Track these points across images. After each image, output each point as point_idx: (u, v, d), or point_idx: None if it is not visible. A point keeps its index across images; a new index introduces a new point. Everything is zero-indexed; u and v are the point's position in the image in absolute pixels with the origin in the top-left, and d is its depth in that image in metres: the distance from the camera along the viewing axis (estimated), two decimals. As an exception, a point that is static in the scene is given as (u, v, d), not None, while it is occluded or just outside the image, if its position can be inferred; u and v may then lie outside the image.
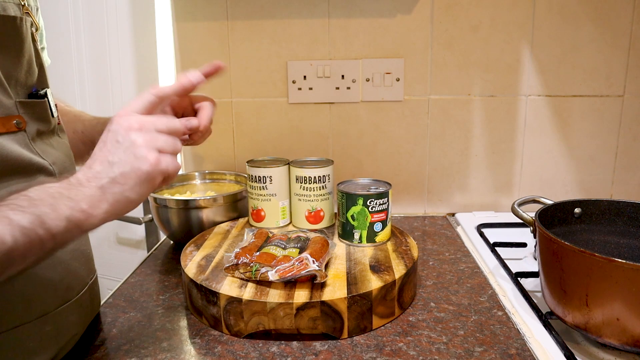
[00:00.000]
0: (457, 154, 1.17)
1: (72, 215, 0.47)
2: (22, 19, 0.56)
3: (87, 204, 0.48)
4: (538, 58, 1.11)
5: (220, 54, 1.13)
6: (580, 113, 1.13)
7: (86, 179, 0.50)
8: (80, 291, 0.64)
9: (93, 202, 0.49)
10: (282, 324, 0.65)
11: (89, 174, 0.51)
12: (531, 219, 0.75)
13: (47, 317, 0.57)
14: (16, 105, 0.55)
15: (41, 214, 0.45)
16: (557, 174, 1.17)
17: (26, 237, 0.43)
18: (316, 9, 1.11)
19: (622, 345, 0.60)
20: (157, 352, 0.64)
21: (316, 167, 0.90)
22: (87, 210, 0.48)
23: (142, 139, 0.52)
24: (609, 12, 1.08)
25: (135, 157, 0.51)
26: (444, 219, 1.15)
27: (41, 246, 0.45)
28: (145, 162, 0.51)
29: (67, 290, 0.61)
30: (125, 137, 0.52)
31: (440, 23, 1.11)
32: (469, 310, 0.73)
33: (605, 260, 0.57)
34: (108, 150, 0.52)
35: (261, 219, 0.94)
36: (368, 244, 0.83)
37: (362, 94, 1.14)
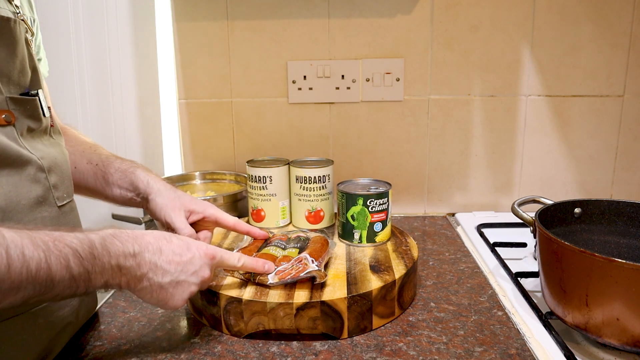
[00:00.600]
0: (457, 154, 1.17)
1: (111, 282, 0.54)
2: (15, 21, 0.58)
3: (126, 281, 0.55)
4: (538, 58, 1.11)
5: (220, 54, 1.14)
6: (580, 113, 1.13)
7: (146, 264, 0.56)
8: None
9: (131, 282, 0.55)
10: (282, 324, 0.65)
11: (153, 262, 0.57)
12: (531, 219, 0.75)
13: (38, 310, 0.59)
14: (6, 101, 0.56)
15: (91, 271, 0.51)
16: (557, 174, 1.17)
17: (69, 283, 0.49)
18: (316, 9, 1.11)
19: (622, 345, 0.60)
20: (157, 352, 0.64)
21: (316, 167, 0.90)
22: (122, 284, 0.55)
23: (195, 289, 0.61)
24: (609, 12, 1.08)
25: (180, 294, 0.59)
26: (444, 219, 1.15)
27: (73, 293, 0.51)
28: (176, 302, 0.59)
29: None
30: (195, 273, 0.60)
31: (440, 23, 1.11)
32: (469, 310, 0.73)
33: (605, 260, 0.57)
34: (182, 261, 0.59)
35: (261, 219, 0.94)
36: (368, 244, 0.83)
37: (362, 94, 1.14)
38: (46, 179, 0.59)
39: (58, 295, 0.49)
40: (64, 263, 0.48)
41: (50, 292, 0.48)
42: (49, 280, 0.47)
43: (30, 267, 0.45)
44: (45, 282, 0.47)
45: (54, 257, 0.47)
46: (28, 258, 0.45)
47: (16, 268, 0.44)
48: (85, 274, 0.50)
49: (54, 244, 0.48)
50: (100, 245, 0.52)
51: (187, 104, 1.16)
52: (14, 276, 0.44)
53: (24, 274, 0.45)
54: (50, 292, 0.48)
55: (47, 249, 0.47)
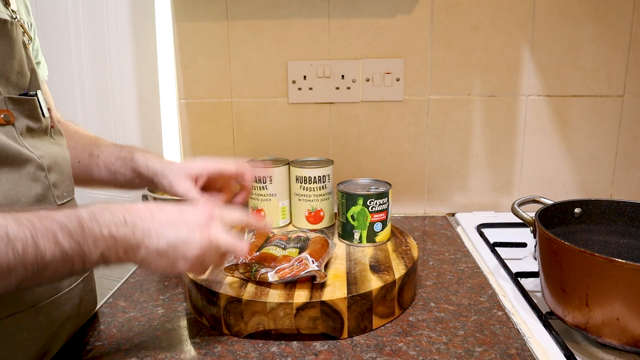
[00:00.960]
0: (457, 154, 1.17)
1: (107, 254, 0.51)
2: (12, 23, 0.59)
3: (123, 250, 0.53)
4: (538, 58, 1.11)
5: (220, 54, 1.14)
6: (580, 113, 1.13)
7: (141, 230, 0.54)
8: (72, 284, 0.65)
9: (128, 251, 0.53)
10: (282, 324, 0.65)
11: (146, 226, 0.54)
12: (531, 219, 0.75)
13: (38, 307, 0.59)
14: (5, 101, 0.57)
15: (83, 244, 0.49)
16: (557, 174, 1.17)
17: (62, 260, 0.47)
18: (316, 9, 1.11)
19: (622, 345, 0.60)
20: (157, 352, 0.64)
21: (316, 167, 0.90)
22: (120, 254, 0.53)
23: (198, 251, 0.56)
24: (609, 12, 1.08)
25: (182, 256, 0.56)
26: (444, 219, 1.15)
27: (70, 270, 0.49)
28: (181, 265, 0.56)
29: (59, 282, 0.62)
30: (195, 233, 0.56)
31: (440, 23, 1.11)
32: (469, 310, 0.73)
33: (605, 260, 0.57)
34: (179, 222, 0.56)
35: (261, 219, 0.94)
36: (368, 244, 0.83)
37: (362, 94, 1.14)
38: (46, 177, 0.59)
39: (54, 274, 0.48)
40: (52, 239, 0.47)
41: (44, 272, 0.47)
42: (39, 258, 0.46)
43: (16, 247, 0.44)
44: (36, 261, 0.45)
45: (40, 234, 0.46)
46: (13, 238, 0.44)
47: (2, 249, 0.43)
48: (77, 248, 0.48)
49: (39, 221, 0.47)
50: (89, 217, 0.50)
51: (187, 104, 1.16)
52: (1, 258, 0.43)
53: (11, 255, 0.44)
54: (44, 271, 0.46)
55: (33, 226, 0.46)
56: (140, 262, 0.55)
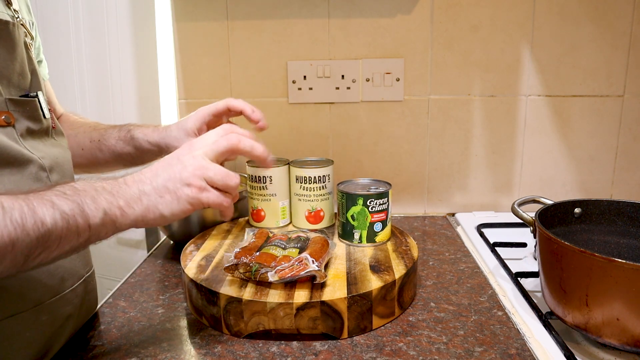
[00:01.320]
0: (457, 154, 1.17)
1: (109, 209, 0.50)
2: (14, 24, 0.59)
3: (124, 202, 0.52)
4: (538, 58, 1.11)
5: (220, 54, 1.14)
6: (580, 113, 1.13)
7: (132, 181, 0.54)
8: (75, 283, 0.65)
9: (130, 201, 0.52)
10: (282, 324, 0.65)
11: (137, 177, 0.55)
12: (531, 219, 0.75)
13: (41, 307, 0.58)
14: (6, 102, 0.57)
15: (82, 202, 0.48)
16: (557, 174, 1.17)
17: (65, 222, 0.46)
18: (316, 9, 1.11)
19: (622, 345, 0.60)
20: (157, 352, 0.64)
21: (316, 167, 0.90)
22: (123, 207, 0.51)
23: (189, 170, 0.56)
24: (609, 12, 1.08)
25: (179, 179, 0.56)
26: (444, 219, 1.15)
27: (77, 235, 0.48)
28: (185, 189, 0.55)
29: (62, 282, 0.62)
30: (180, 160, 0.57)
31: (440, 23, 1.11)
32: (469, 310, 0.73)
33: (605, 260, 0.57)
34: (163, 164, 0.57)
35: (261, 219, 0.94)
36: (368, 244, 0.83)
37: (362, 94, 1.14)
38: (47, 177, 0.59)
39: (62, 242, 0.47)
40: (49, 203, 0.46)
41: (50, 239, 0.45)
42: (39, 223, 0.45)
43: (14, 216, 0.43)
44: (37, 227, 0.44)
45: (36, 202, 0.45)
46: (8, 209, 0.43)
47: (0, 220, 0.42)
48: (76, 208, 0.47)
49: (33, 194, 0.46)
50: (81, 183, 0.50)
51: (187, 104, 1.16)
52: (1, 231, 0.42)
53: (10, 226, 0.43)
54: (49, 238, 0.45)
55: (27, 197, 0.45)
56: (146, 213, 0.53)
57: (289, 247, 0.75)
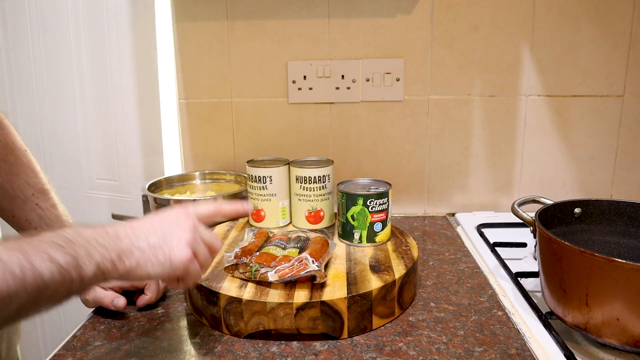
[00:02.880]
0: (457, 154, 1.17)
1: (102, 262, 0.49)
2: None
3: (116, 255, 0.50)
4: (538, 58, 1.11)
5: (220, 54, 1.14)
6: (580, 113, 1.13)
7: (125, 234, 0.52)
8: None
9: (122, 255, 0.51)
10: (282, 324, 0.65)
11: (129, 231, 0.53)
12: (531, 219, 0.75)
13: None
14: None
15: (76, 255, 0.47)
16: (557, 174, 1.17)
17: (60, 276, 0.45)
18: (316, 9, 1.11)
19: (622, 345, 0.60)
20: (157, 352, 0.64)
21: (316, 167, 0.90)
22: (115, 261, 0.50)
23: (190, 235, 0.56)
24: (609, 12, 1.08)
25: (177, 242, 0.55)
26: (444, 219, 1.15)
27: (69, 288, 0.46)
28: (179, 252, 0.54)
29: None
30: (179, 223, 0.56)
31: (440, 23, 1.11)
32: (469, 310, 0.73)
33: (605, 260, 0.57)
34: (159, 222, 0.56)
35: (261, 219, 0.94)
36: (368, 244, 0.83)
37: (362, 94, 1.14)
38: None
39: (53, 295, 0.45)
40: (46, 256, 0.44)
41: (44, 294, 0.44)
42: (38, 278, 0.43)
43: (14, 270, 0.42)
44: (36, 282, 0.43)
45: (33, 254, 0.44)
46: (8, 262, 0.42)
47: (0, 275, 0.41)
48: (72, 261, 0.46)
49: (27, 244, 0.45)
50: (73, 233, 0.48)
51: (187, 104, 1.16)
52: (1, 285, 0.41)
53: (10, 279, 0.41)
54: (44, 293, 0.44)
55: (22, 248, 0.44)
56: (137, 267, 0.52)
57: (289, 247, 0.75)
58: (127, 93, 1.20)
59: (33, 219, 0.75)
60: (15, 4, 1.28)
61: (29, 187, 0.74)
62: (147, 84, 1.20)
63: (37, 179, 0.75)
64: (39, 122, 1.34)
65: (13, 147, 0.73)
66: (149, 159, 1.23)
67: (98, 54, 1.22)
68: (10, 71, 1.34)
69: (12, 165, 0.73)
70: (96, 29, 1.21)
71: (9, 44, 1.32)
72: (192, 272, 0.56)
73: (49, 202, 0.76)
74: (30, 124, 1.35)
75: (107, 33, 1.19)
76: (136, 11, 1.16)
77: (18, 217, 0.75)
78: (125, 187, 1.26)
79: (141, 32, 1.17)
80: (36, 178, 0.75)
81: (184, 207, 0.59)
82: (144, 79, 1.19)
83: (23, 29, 1.29)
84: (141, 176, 1.23)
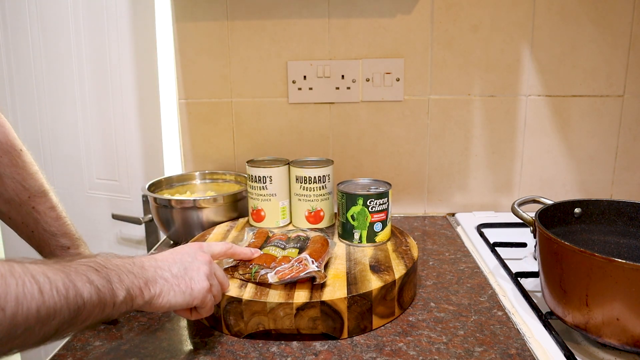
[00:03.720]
0: (457, 154, 1.17)
1: (131, 289, 0.52)
2: None
3: (144, 283, 0.53)
4: (538, 58, 1.11)
5: (220, 54, 1.14)
6: (580, 113, 1.13)
7: (149, 265, 0.56)
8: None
9: (148, 283, 0.54)
10: (282, 324, 0.65)
11: (152, 262, 0.57)
12: (531, 219, 0.74)
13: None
14: None
15: (110, 279, 0.49)
16: (557, 174, 1.17)
17: (97, 298, 0.47)
18: (316, 9, 1.11)
19: (622, 345, 0.60)
20: (157, 352, 0.64)
21: (316, 167, 0.90)
22: (142, 288, 0.53)
23: (207, 268, 0.61)
24: (609, 12, 1.08)
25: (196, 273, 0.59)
26: (444, 219, 1.15)
27: (102, 311, 0.48)
28: (199, 283, 0.59)
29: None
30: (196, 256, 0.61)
31: (440, 23, 1.11)
32: (469, 310, 0.73)
33: (605, 260, 0.57)
34: (178, 255, 0.60)
35: (261, 219, 0.94)
36: (368, 244, 0.83)
37: (362, 94, 1.14)
38: None
39: (88, 318, 0.47)
40: (85, 278, 0.47)
41: (81, 315, 0.46)
42: (79, 297, 0.45)
43: (59, 287, 0.43)
44: (76, 301, 0.45)
45: (74, 275, 0.46)
46: (53, 279, 0.44)
47: (48, 291, 0.42)
48: (107, 285, 0.48)
49: (66, 266, 0.46)
50: (103, 260, 0.51)
51: (187, 104, 1.16)
52: (48, 300, 0.42)
53: (56, 295, 0.43)
54: (81, 314, 0.46)
55: (64, 270, 0.46)
56: (159, 295, 0.55)
57: (289, 247, 0.75)
58: (127, 93, 1.20)
59: (29, 222, 0.75)
60: (15, 4, 1.28)
61: (24, 191, 0.74)
62: (147, 84, 1.20)
63: (34, 181, 0.75)
64: (39, 122, 1.34)
65: (8, 149, 0.72)
66: (149, 159, 1.23)
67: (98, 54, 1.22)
68: (10, 71, 1.34)
69: (6, 167, 0.72)
70: (96, 29, 1.21)
71: (9, 44, 1.32)
72: (207, 302, 0.60)
73: (46, 205, 0.75)
74: (30, 124, 1.35)
75: (107, 33, 1.19)
76: (136, 11, 1.16)
77: (15, 220, 0.75)
78: (125, 187, 1.26)
79: (141, 32, 1.17)
80: (32, 180, 0.74)
81: (199, 244, 0.64)
82: (144, 79, 1.19)
83: (23, 29, 1.29)
84: (141, 176, 1.23)
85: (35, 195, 0.75)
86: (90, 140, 1.28)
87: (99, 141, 1.27)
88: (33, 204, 0.74)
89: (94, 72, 1.24)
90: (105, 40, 1.20)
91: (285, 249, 0.74)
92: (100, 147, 1.27)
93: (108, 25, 1.19)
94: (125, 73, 1.19)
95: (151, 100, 1.20)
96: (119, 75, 1.20)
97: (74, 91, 1.27)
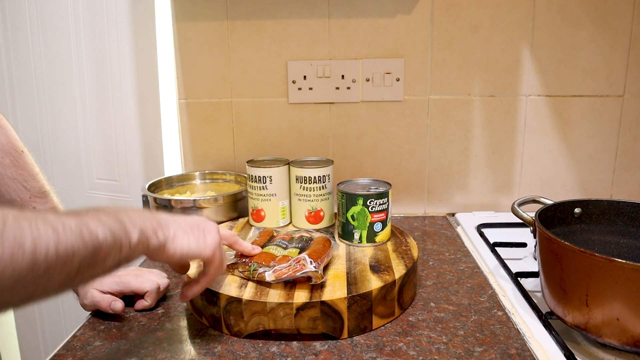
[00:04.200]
0: (457, 154, 1.17)
1: (145, 229, 0.53)
2: None
3: (157, 224, 0.55)
4: (538, 58, 1.11)
5: (220, 54, 1.14)
6: (580, 113, 1.13)
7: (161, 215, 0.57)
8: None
9: (162, 224, 0.55)
10: (282, 324, 0.65)
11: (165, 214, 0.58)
12: (531, 219, 0.74)
13: None
14: None
15: (123, 221, 0.50)
16: (557, 174, 1.17)
17: (112, 237, 0.48)
18: (316, 9, 1.11)
19: (622, 345, 0.60)
20: (157, 352, 0.64)
21: (316, 167, 0.90)
22: (156, 228, 0.54)
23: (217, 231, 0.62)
24: (609, 12, 1.08)
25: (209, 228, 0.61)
26: (444, 219, 1.15)
27: (119, 251, 0.49)
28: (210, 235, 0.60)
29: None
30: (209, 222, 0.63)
31: (440, 23, 1.11)
32: (469, 310, 0.73)
33: (605, 260, 0.57)
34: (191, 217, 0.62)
35: (261, 219, 0.94)
36: (368, 244, 0.83)
37: (362, 94, 1.14)
38: None
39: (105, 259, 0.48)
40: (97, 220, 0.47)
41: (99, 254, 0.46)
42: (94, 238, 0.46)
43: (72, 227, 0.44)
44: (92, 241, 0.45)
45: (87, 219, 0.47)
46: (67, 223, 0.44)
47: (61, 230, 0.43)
48: (120, 225, 0.49)
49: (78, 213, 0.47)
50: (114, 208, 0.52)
51: (187, 104, 1.16)
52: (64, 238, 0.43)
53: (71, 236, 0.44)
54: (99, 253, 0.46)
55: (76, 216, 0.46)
56: (174, 237, 0.56)
57: (291, 247, 0.75)
58: (127, 93, 1.20)
59: None
60: (15, 3, 1.28)
61: (26, 191, 0.74)
62: (147, 84, 1.20)
63: (35, 182, 0.75)
64: (39, 122, 1.34)
65: (9, 150, 0.73)
66: (149, 159, 1.23)
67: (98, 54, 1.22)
68: (10, 71, 1.34)
69: (7, 168, 0.73)
70: (96, 29, 1.21)
71: (9, 44, 1.32)
72: (218, 258, 0.61)
73: (47, 205, 0.76)
74: (30, 124, 1.35)
75: (107, 33, 1.19)
76: (136, 11, 1.16)
77: None
78: (125, 187, 1.26)
79: (141, 32, 1.17)
80: (34, 181, 0.75)
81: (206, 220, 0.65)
82: (144, 79, 1.19)
83: (23, 29, 1.29)
84: (141, 176, 1.23)
85: (36, 196, 0.75)
86: (90, 140, 1.28)
87: (99, 141, 1.27)
88: (34, 205, 0.75)
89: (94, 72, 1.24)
90: (105, 40, 1.20)
91: (286, 249, 0.74)
92: (100, 147, 1.27)
93: (108, 25, 1.19)
94: (125, 73, 1.19)
95: (151, 100, 1.20)
96: (119, 75, 1.20)
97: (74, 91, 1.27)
